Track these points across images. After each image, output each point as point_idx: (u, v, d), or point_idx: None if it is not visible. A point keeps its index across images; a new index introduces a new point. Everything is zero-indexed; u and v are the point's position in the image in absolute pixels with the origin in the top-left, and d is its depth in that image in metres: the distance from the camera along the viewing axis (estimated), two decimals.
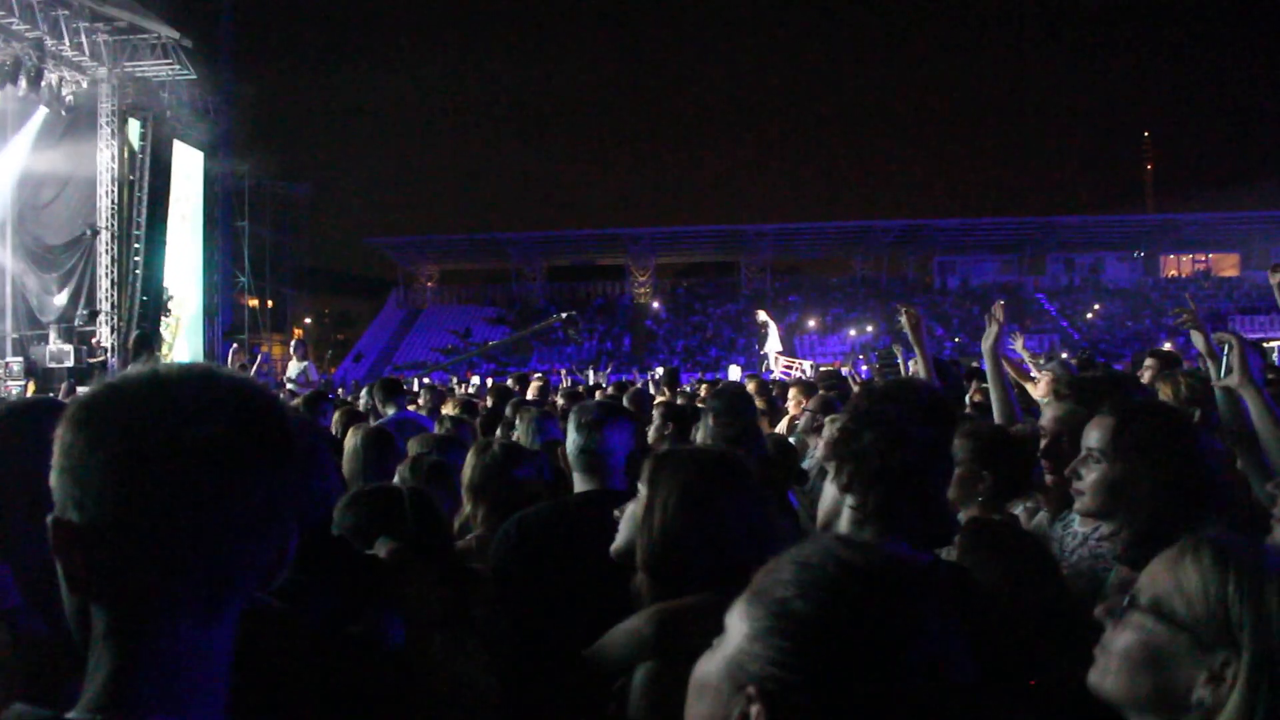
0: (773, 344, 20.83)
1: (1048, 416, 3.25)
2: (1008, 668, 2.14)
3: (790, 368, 19.91)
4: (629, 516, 2.34)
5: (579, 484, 3.40)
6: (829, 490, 2.33)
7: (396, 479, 3.89)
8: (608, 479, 3.32)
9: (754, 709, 1.04)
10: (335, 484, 2.45)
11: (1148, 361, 5.88)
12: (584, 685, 2.19)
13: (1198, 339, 3.47)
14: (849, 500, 2.25)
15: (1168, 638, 1.37)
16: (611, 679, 2.10)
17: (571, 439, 3.40)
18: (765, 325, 21.41)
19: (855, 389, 6.90)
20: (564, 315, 26.23)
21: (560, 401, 8.09)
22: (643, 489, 2.29)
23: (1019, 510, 3.36)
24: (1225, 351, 3.23)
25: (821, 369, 15.75)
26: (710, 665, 1.14)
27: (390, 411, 7.37)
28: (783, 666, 1.05)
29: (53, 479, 0.99)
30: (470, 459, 3.99)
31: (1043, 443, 3.18)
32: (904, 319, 5.08)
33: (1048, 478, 3.11)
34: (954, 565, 2.46)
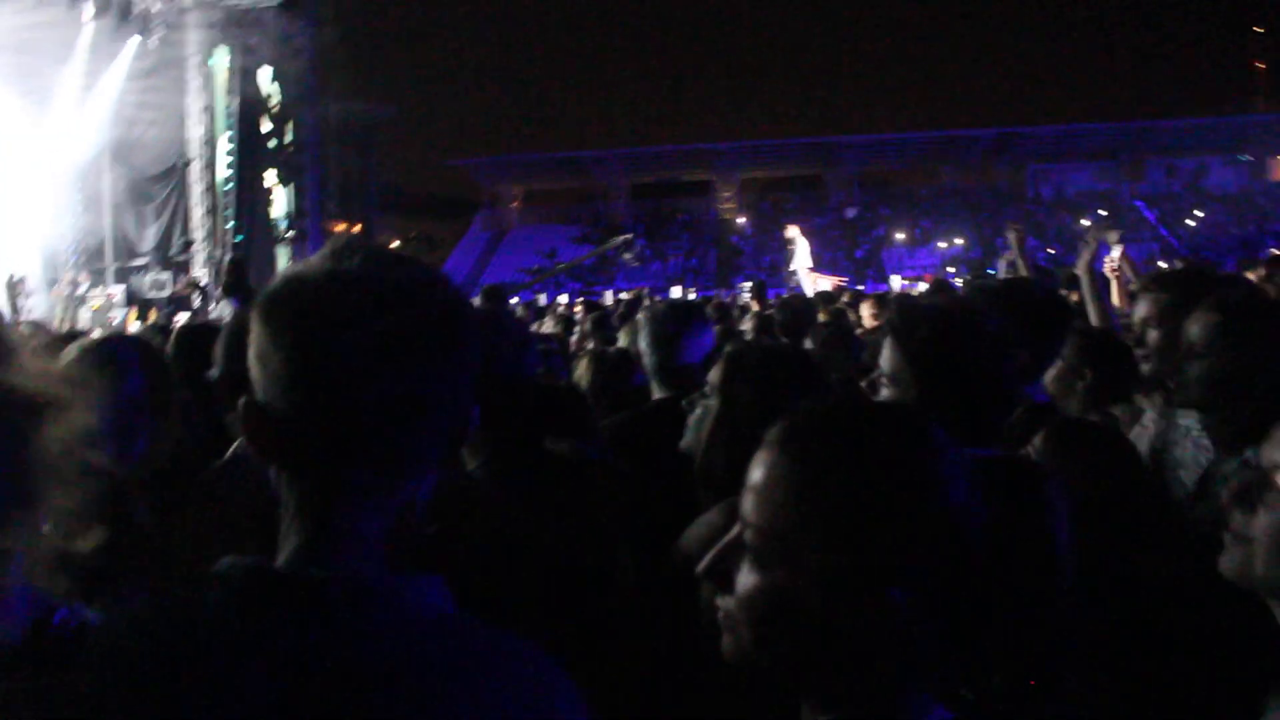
0: (802, 260, 20.26)
1: (1139, 308, 3.20)
2: (1089, 565, 2.11)
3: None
4: (695, 421, 2.32)
5: (656, 391, 3.42)
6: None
7: None
8: (690, 387, 3.27)
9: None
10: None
11: (1261, 270, 5.69)
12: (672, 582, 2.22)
13: None
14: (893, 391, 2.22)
15: None
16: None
17: (647, 353, 3.41)
18: (792, 242, 20.79)
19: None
20: (620, 239, 25.93)
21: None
22: (713, 397, 2.28)
23: (1119, 412, 3.35)
24: None
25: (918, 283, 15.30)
26: None
27: None
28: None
29: (250, 362, 1.06)
30: (586, 365, 4.10)
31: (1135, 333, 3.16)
32: (1012, 236, 5.42)
33: (1144, 368, 3.08)
34: (1024, 460, 2.42)
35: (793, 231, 20.69)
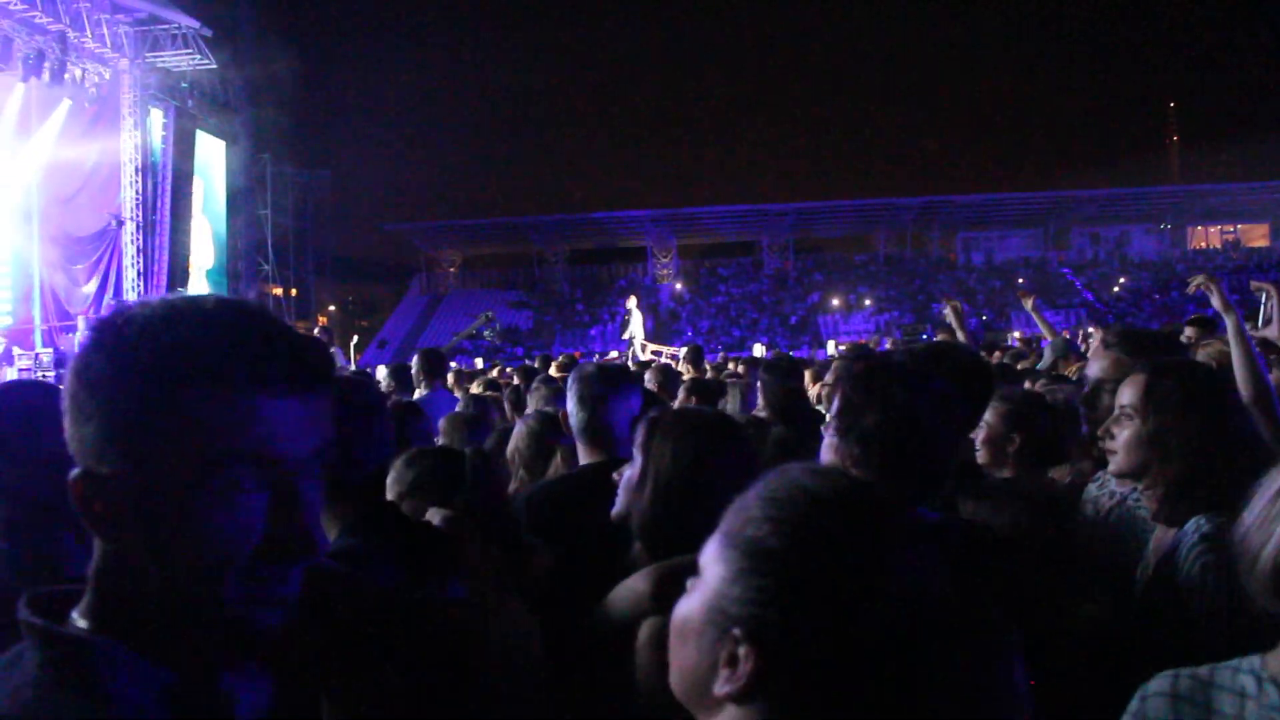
0: (636, 330, 20.99)
1: (1092, 366, 3.25)
2: (1015, 614, 2.13)
3: (659, 353, 20.24)
4: (625, 483, 2.33)
5: (584, 455, 3.38)
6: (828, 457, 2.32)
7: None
8: (614, 449, 3.28)
9: (742, 650, 1.05)
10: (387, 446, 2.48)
11: (1188, 331, 5.80)
12: (595, 649, 2.20)
13: (1215, 299, 3.44)
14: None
15: None
16: (620, 640, 2.12)
17: (574, 413, 3.37)
18: (630, 313, 21.58)
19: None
20: (483, 316, 26.40)
21: None
22: (637, 455, 2.29)
23: (1058, 473, 3.40)
24: (1264, 300, 3.19)
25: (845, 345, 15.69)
26: (690, 608, 1.14)
27: (424, 391, 7.35)
28: (764, 605, 1.05)
29: None
30: (518, 429, 4.07)
31: (1085, 391, 3.19)
32: (948, 311, 5.68)
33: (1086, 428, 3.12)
34: (966, 521, 2.45)
35: (632, 303, 21.63)
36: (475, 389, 8.04)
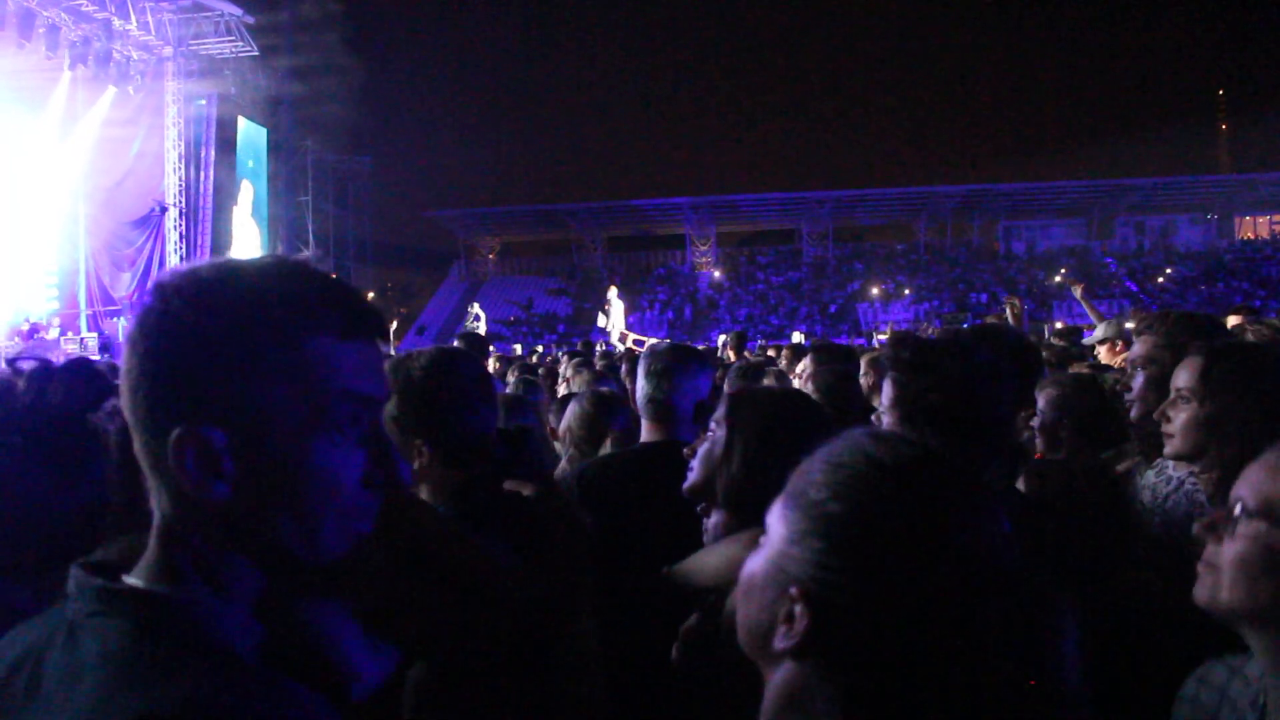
0: (617, 320, 21.17)
1: (1133, 351, 3.23)
2: (1069, 582, 2.14)
3: (641, 343, 20.60)
4: (703, 455, 2.30)
5: (646, 433, 3.34)
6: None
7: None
8: (675, 429, 3.23)
9: (797, 609, 1.08)
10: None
11: (1231, 320, 5.70)
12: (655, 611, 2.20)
13: None
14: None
15: None
16: (688, 601, 2.12)
17: (640, 386, 3.34)
18: (609, 303, 21.87)
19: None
20: (472, 311, 27.22)
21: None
22: (719, 428, 2.27)
23: (1108, 457, 3.39)
24: None
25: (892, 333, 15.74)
26: (755, 566, 1.18)
27: None
28: (822, 567, 1.08)
29: None
30: (572, 409, 4.07)
31: (1127, 371, 3.18)
32: (1008, 310, 5.88)
33: (1133, 411, 3.04)
34: (1023, 495, 2.46)
35: (612, 294, 21.90)
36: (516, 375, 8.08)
